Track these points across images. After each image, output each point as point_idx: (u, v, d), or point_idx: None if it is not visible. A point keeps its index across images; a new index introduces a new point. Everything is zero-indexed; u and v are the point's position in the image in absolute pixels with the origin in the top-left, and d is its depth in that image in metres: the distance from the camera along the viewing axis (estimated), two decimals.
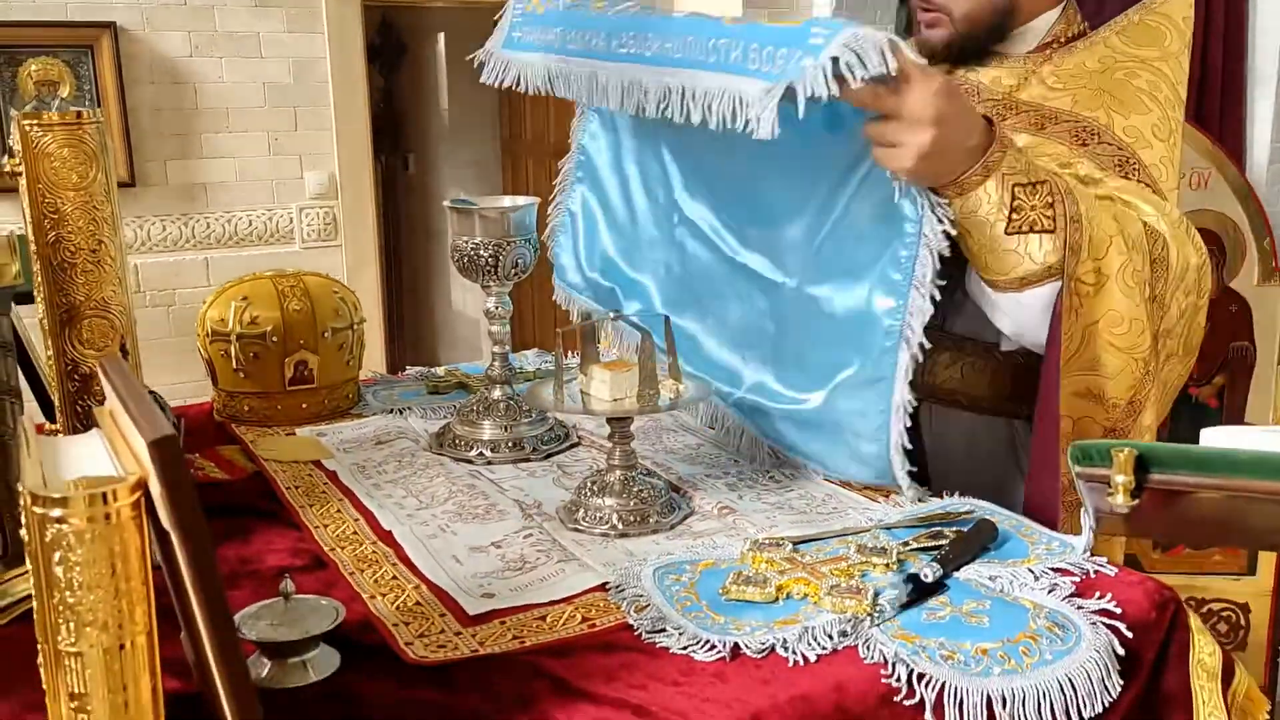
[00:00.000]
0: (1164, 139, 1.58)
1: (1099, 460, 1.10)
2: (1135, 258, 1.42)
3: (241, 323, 1.87)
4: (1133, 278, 1.41)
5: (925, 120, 1.25)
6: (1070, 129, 1.59)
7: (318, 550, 1.39)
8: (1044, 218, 1.36)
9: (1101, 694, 1.11)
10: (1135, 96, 1.60)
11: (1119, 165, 1.56)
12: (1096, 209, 1.41)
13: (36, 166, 1.36)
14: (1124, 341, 1.42)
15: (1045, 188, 1.36)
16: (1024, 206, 1.35)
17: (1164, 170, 1.57)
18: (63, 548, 0.77)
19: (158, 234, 4.34)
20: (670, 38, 1.37)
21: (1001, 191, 1.34)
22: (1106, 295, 1.40)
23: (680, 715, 1.01)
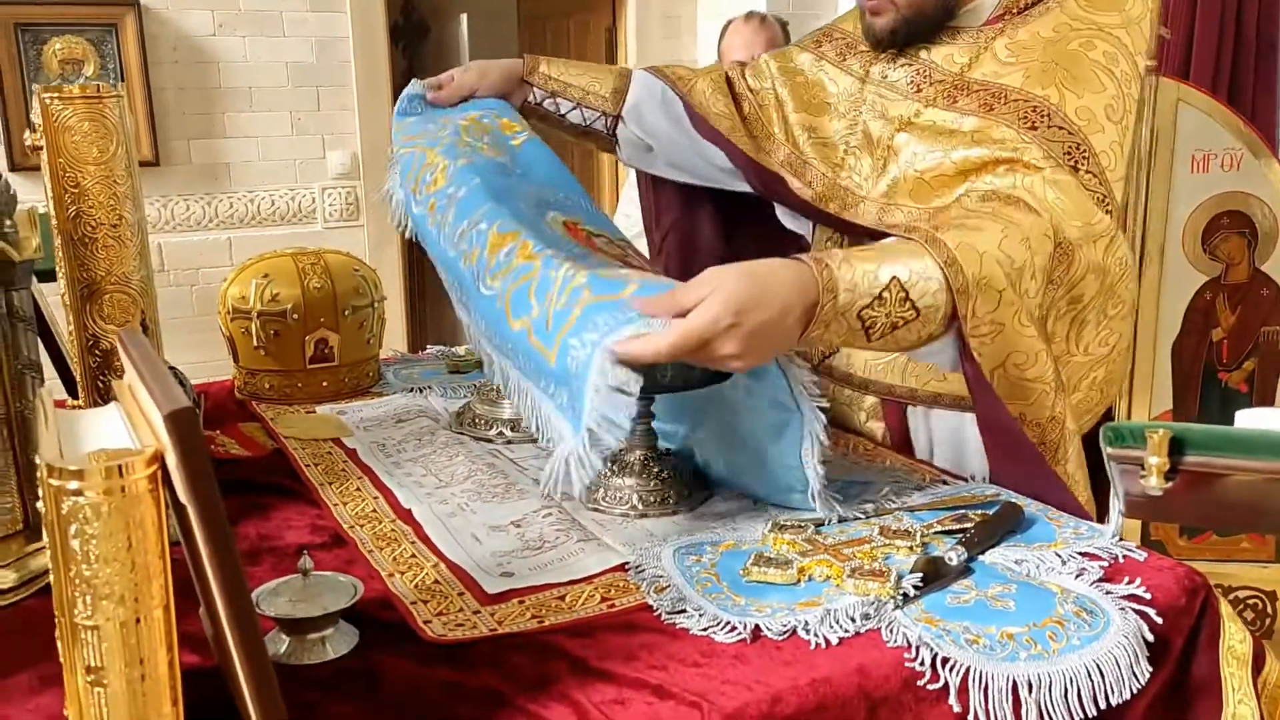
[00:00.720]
0: (1117, 120, 1.51)
1: (1132, 441, 1.08)
2: (1032, 290, 1.36)
3: (262, 300, 1.86)
4: (1027, 316, 1.36)
5: (724, 356, 1.19)
6: (1019, 110, 1.52)
7: (337, 528, 1.38)
8: (902, 315, 1.28)
9: (1130, 680, 1.09)
10: (1090, 71, 1.52)
11: (1068, 153, 1.49)
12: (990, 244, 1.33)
13: (57, 140, 1.35)
14: (1032, 374, 1.39)
15: (895, 286, 1.27)
16: (877, 319, 1.28)
17: (1113, 156, 1.50)
18: (79, 520, 0.76)
19: (181, 213, 4.36)
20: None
21: (849, 323, 1.27)
22: (1005, 340, 1.35)
23: (700, 696, 0.99)
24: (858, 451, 1.63)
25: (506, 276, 1.38)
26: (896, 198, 1.62)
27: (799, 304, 1.22)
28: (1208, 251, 2.63)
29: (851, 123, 1.72)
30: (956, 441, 1.68)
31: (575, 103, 1.89)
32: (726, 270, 1.21)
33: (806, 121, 1.79)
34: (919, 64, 1.65)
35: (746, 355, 1.20)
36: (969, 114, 1.56)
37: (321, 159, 4.52)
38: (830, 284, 1.24)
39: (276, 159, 4.44)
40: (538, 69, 1.87)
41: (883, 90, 1.69)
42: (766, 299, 1.19)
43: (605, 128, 1.92)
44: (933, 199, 1.58)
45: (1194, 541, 2.83)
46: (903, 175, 1.61)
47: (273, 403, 1.89)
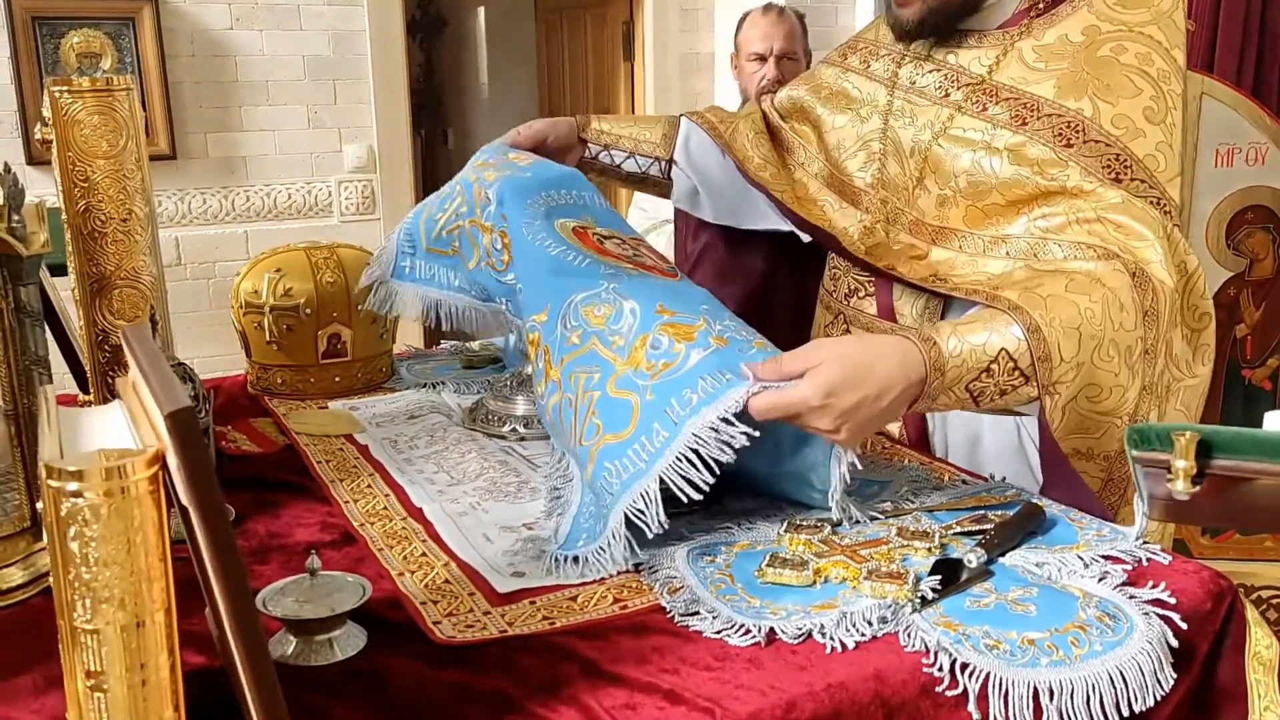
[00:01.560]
0: (1159, 121, 1.48)
1: (1158, 444, 1.05)
2: (1112, 330, 1.35)
3: (275, 294, 1.85)
4: (1109, 351, 1.35)
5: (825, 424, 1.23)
6: (1054, 127, 1.50)
7: (347, 525, 1.37)
8: (1010, 383, 1.32)
9: (1154, 687, 1.06)
10: (1123, 78, 1.49)
11: (1108, 167, 1.47)
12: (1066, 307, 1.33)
13: (66, 134, 1.34)
14: (1105, 407, 1.37)
15: (1003, 357, 1.30)
16: (986, 389, 1.31)
17: (1161, 158, 1.47)
18: (78, 522, 0.75)
19: (198, 207, 4.36)
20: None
21: (957, 395, 1.31)
22: (1085, 376, 1.34)
23: (713, 701, 0.97)
24: (875, 450, 1.61)
25: (545, 389, 1.45)
26: (949, 220, 1.61)
27: (901, 383, 1.26)
28: (1232, 247, 2.59)
29: (878, 129, 1.71)
30: (972, 443, 1.66)
31: (628, 152, 1.96)
32: (829, 349, 1.26)
33: (836, 138, 1.79)
34: (946, 69, 1.63)
35: (841, 430, 1.23)
36: (1002, 127, 1.54)
37: (338, 153, 4.51)
38: (938, 363, 1.28)
39: (293, 153, 4.44)
40: (590, 125, 1.93)
41: (911, 97, 1.67)
42: (863, 381, 1.23)
43: (660, 172, 1.98)
44: (987, 225, 1.57)
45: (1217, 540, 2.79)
46: (952, 198, 1.59)
47: (285, 398, 1.88)
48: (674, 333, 1.30)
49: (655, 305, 1.35)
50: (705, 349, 1.27)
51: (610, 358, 1.33)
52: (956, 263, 1.59)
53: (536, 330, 1.46)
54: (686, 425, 1.22)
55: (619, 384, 1.31)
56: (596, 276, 1.42)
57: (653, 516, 1.22)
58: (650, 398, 1.27)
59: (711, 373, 1.25)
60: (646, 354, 1.30)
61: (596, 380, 1.32)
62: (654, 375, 1.28)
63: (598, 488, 1.29)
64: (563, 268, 1.45)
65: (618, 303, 1.37)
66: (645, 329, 1.32)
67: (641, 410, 1.27)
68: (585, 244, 1.48)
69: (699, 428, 1.21)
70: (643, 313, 1.34)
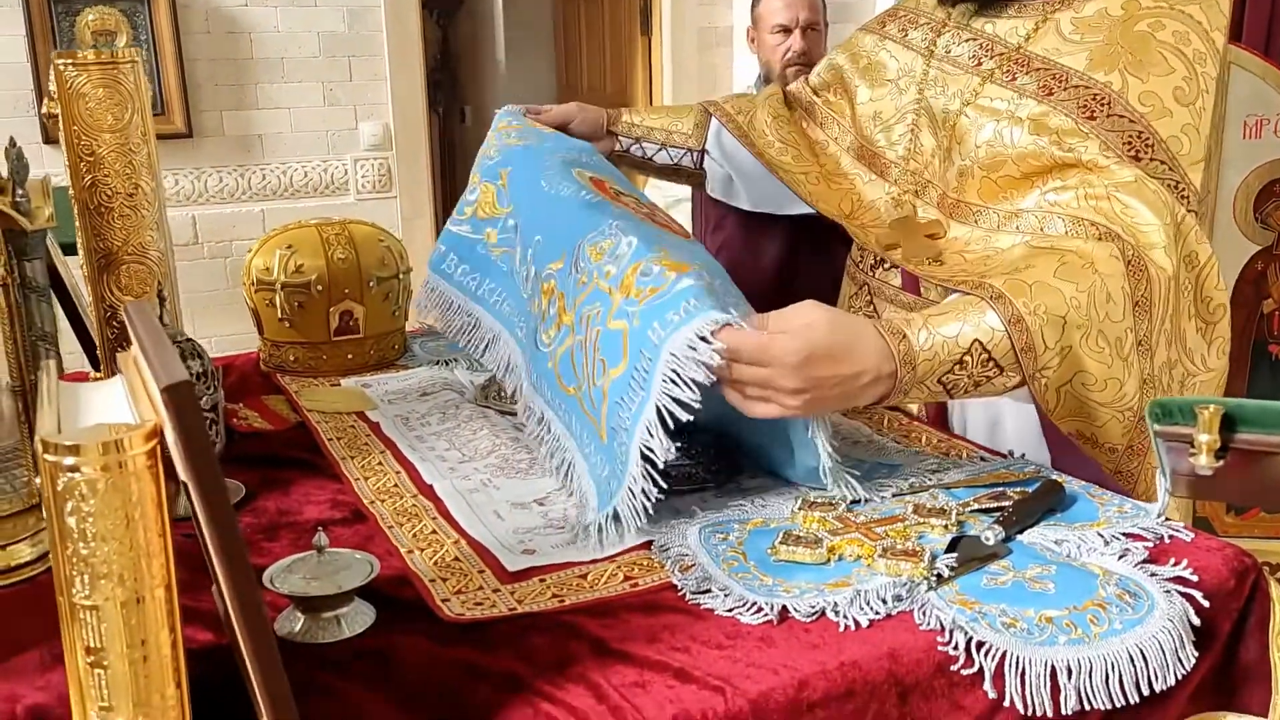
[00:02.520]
0: (1188, 102, 1.44)
1: (1181, 418, 1.02)
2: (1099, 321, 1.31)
3: (286, 271, 1.84)
4: (1098, 342, 1.31)
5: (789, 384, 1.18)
6: (1078, 99, 1.46)
7: (357, 503, 1.36)
8: (985, 374, 1.28)
9: (1175, 666, 1.04)
10: (1157, 54, 1.45)
11: (1129, 144, 1.43)
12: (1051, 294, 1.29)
13: (72, 108, 1.33)
14: (1103, 398, 1.33)
15: (976, 348, 1.26)
16: (959, 381, 1.28)
17: (1185, 140, 1.43)
18: (75, 497, 0.73)
19: (214, 185, 4.36)
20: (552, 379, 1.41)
21: (930, 388, 1.27)
22: (1072, 363, 1.31)
23: (724, 680, 0.96)
24: (892, 427, 1.58)
25: (556, 336, 1.42)
26: (966, 194, 1.59)
27: (873, 371, 1.23)
28: (1259, 220, 2.54)
29: (914, 99, 1.68)
30: (992, 424, 1.63)
31: (660, 144, 1.94)
32: (820, 312, 1.22)
33: (872, 109, 1.77)
34: (983, 38, 1.60)
35: (799, 399, 1.20)
36: (1028, 96, 1.51)
37: (354, 130, 4.50)
38: (908, 356, 1.24)
39: (308, 130, 4.43)
40: (620, 118, 1.92)
41: (945, 66, 1.65)
42: (843, 358, 1.21)
43: (693, 162, 1.96)
44: (1001, 199, 1.54)
45: (1242, 518, 2.75)
46: (970, 169, 1.57)
47: (297, 375, 1.87)
48: (666, 264, 1.26)
49: (654, 243, 1.32)
50: (695, 280, 1.23)
51: (607, 290, 1.30)
52: (972, 239, 1.56)
53: (553, 279, 1.43)
54: (665, 346, 1.18)
55: (615, 315, 1.27)
56: (606, 215, 1.39)
57: (659, 446, 1.18)
58: (637, 324, 1.23)
59: (697, 296, 1.20)
60: (636, 280, 1.26)
61: (599, 316, 1.29)
62: (641, 300, 1.24)
63: (613, 427, 1.25)
64: (578, 207, 1.43)
65: (618, 237, 1.33)
66: (638, 258, 1.29)
67: (630, 338, 1.23)
68: (602, 191, 1.46)
69: (677, 346, 1.17)
70: (639, 245, 1.30)
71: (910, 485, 1.34)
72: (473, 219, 1.63)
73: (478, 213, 1.62)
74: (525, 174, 1.56)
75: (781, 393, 1.19)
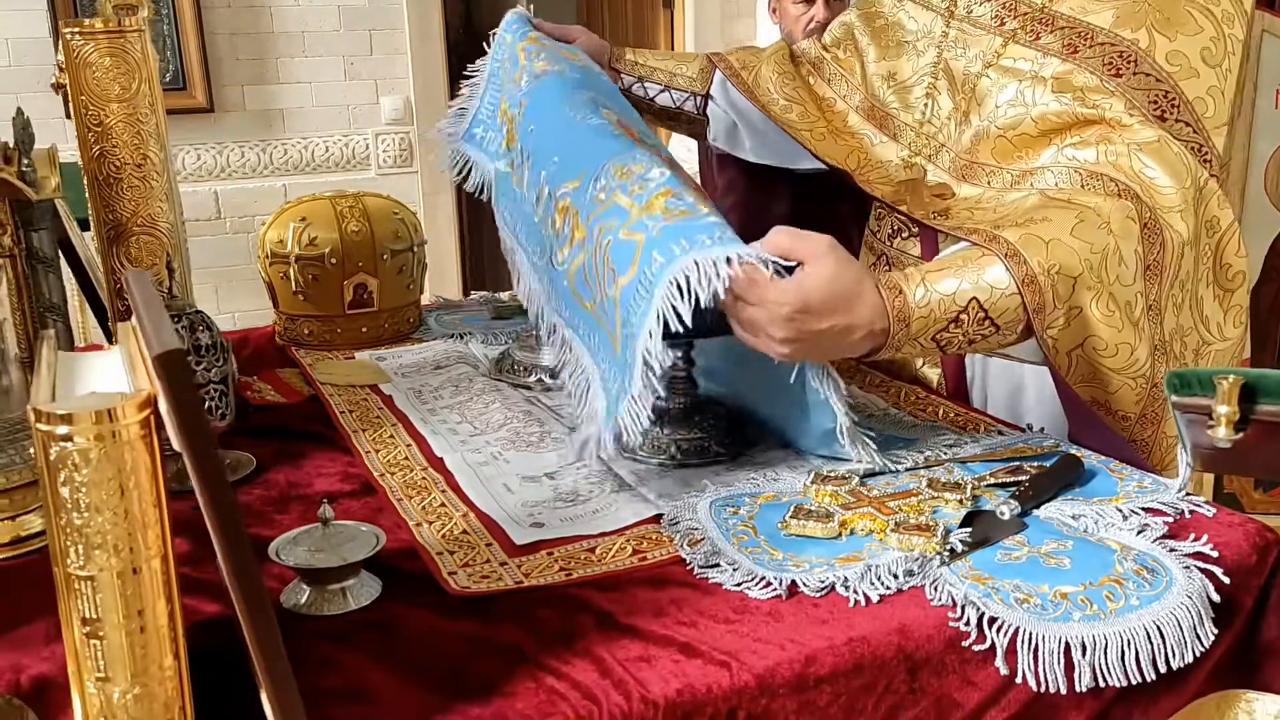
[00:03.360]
0: (1215, 64, 1.41)
1: (1199, 389, 1.00)
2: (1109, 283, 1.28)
3: (300, 244, 1.83)
4: (1108, 305, 1.28)
5: (777, 338, 1.18)
6: (1104, 56, 1.43)
7: (367, 475, 1.35)
8: (980, 333, 1.26)
9: (1193, 643, 1.02)
10: (1185, 13, 1.42)
11: (1154, 103, 1.40)
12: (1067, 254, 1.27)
13: (79, 77, 1.32)
14: (1114, 364, 1.31)
15: (973, 307, 1.24)
16: (954, 340, 1.25)
17: (1211, 103, 1.40)
18: (68, 467, 0.73)
19: (237, 160, 4.36)
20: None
21: (922, 345, 1.25)
22: (1081, 326, 1.28)
23: (729, 655, 0.95)
24: (908, 400, 1.56)
25: (569, 253, 1.39)
26: (979, 155, 1.55)
27: (866, 327, 1.21)
28: None
29: (932, 61, 1.65)
30: (1013, 390, 1.61)
31: (663, 85, 1.89)
32: (822, 267, 1.18)
33: (886, 69, 1.73)
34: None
35: (788, 346, 1.18)
36: (1051, 55, 1.48)
37: (375, 104, 4.48)
38: (902, 313, 1.23)
39: (329, 105, 4.42)
40: (624, 55, 1.88)
41: (966, 26, 1.61)
42: (839, 310, 1.19)
43: (695, 108, 1.92)
44: (1015, 159, 1.51)
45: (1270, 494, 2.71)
46: (985, 130, 1.54)
47: (313, 349, 1.87)
48: (697, 199, 1.25)
49: (685, 183, 1.29)
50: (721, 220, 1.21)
51: (628, 205, 1.26)
52: (983, 198, 1.53)
53: (567, 197, 1.39)
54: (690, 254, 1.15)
55: (631, 227, 1.24)
56: (636, 147, 1.36)
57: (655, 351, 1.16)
58: (657, 234, 1.20)
59: (723, 231, 1.18)
60: (666, 201, 1.23)
61: (612, 228, 1.26)
62: (669, 217, 1.21)
63: (626, 335, 1.22)
64: (608, 135, 1.40)
65: (649, 164, 1.30)
66: (671, 185, 1.26)
67: (644, 246, 1.21)
68: (629, 135, 1.43)
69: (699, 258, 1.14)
70: (670, 177, 1.28)
71: (926, 459, 1.32)
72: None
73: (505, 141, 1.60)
74: (549, 100, 1.52)
75: (772, 339, 1.18)
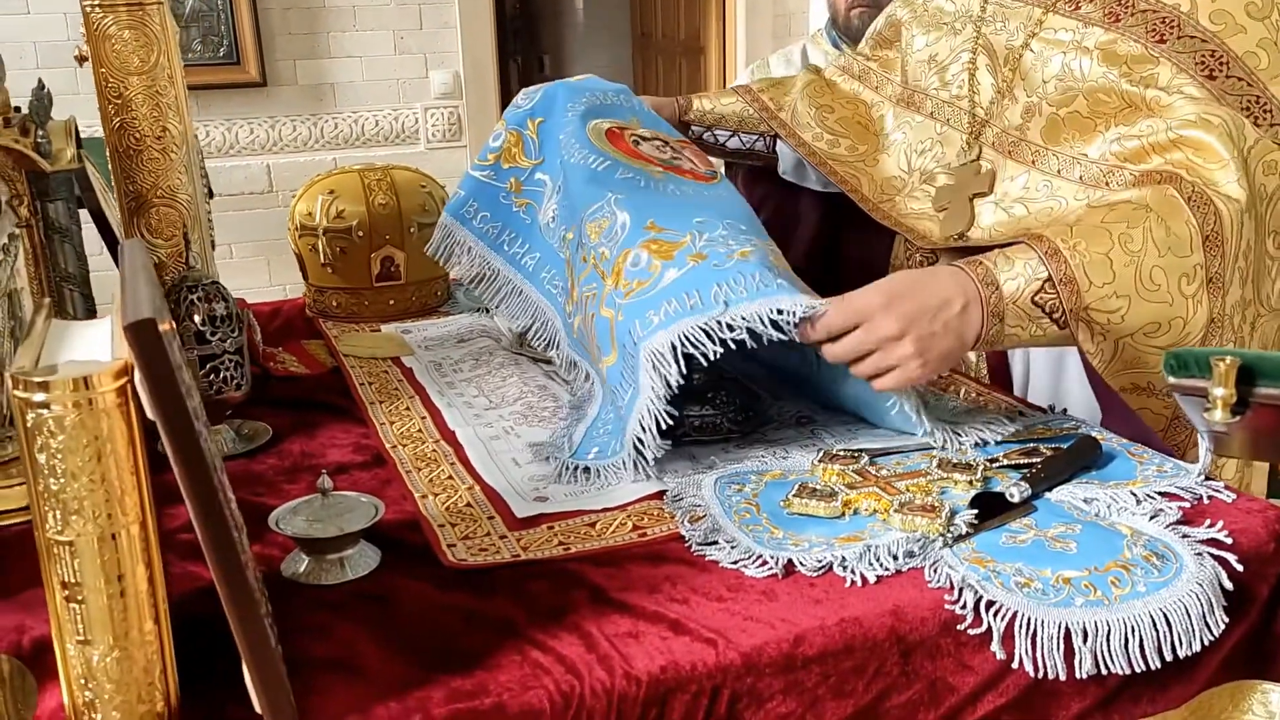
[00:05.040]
0: (1262, 17, 1.36)
1: (1196, 370, 0.96)
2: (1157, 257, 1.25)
3: (328, 217, 1.84)
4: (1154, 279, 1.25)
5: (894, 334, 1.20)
6: (1147, 23, 1.40)
7: (380, 447, 1.36)
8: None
9: (1201, 631, 0.99)
10: None
11: (1201, 64, 1.36)
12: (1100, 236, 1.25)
13: (99, 50, 1.33)
14: (1165, 341, 1.26)
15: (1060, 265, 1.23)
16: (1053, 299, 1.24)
17: (1263, 55, 1.36)
18: (44, 434, 0.74)
19: (288, 134, 4.41)
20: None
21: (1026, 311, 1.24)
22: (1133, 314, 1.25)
23: (717, 633, 0.94)
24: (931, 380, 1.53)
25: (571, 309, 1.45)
26: (1028, 133, 1.53)
27: (959, 297, 1.22)
28: None
29: (970, 37, 1.61)
30: (1057, 368, 1.57)
31: (732, 130, 1.94)
32: (877, 284, 1.24)
33: (927, 54, 1.71)
34: None
35: (909, 341, 1.20)
36: (1093, 24, 1.44)
37: (424, 79, 4.50)
38: (988, 278, 1.24)
39: (379, 79, 4.44)
40: (692, 107, 1.92)
41: (1004, 1, 1.57)
42: (921, 289, 1.22)
43: (765, 146, 1.97)
44: (1063, 141, 1.48)
45: None
46: (1036, 105, 1.51)
47: (341, 321, 1.88)
48: (655, 249, 1.27)
49: (646, 220, 1.31)
50: (680, 269, 1.24)
51: (602, 274, 1.31)
52: (1029, 185, 1.50)
53: (567, 251, 1.44)
54: (644, 344, 1.21)
55: (606, 303, 1.29)
56: (608, 185, 1.38)
57: (650, 444, 1.21)
58: (620, 319, 1.25)
59: (678, 295, 1.22)
60: (625, 270, 1.27)
61: (593, 300, 1.30)
62: (628, 294, 1.26)
63: (616, 406, 1.26)
64: (583, 178, 1.42)
65: (613, 215, 1.34)
66: (630, 244, 1.29)
67: (616, 331, 1.26)
68: (616, 146, 1.43)
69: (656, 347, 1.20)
70: (631, 227, 1.31)
71: (940, 440, 1.29)
72: (495, 165, 1.61)
73: (501, 160, 1.60)
74: (551, 128, 1.55)
75: (889, 342, 1.20)
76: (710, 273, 1.23)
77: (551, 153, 1.54)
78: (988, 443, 1.29)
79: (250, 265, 4.25)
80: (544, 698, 0.87)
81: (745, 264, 1.23)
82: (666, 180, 1.40)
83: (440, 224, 1.68)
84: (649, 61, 6.15)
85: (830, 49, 2.24)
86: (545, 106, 1.58)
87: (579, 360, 1.47)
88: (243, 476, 1.28)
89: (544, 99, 1.58)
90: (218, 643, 0.90)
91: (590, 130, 1.46)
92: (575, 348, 1.47)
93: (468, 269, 1.65)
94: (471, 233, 1.62)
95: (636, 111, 1.58)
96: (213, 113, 4.27)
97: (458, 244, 1.64)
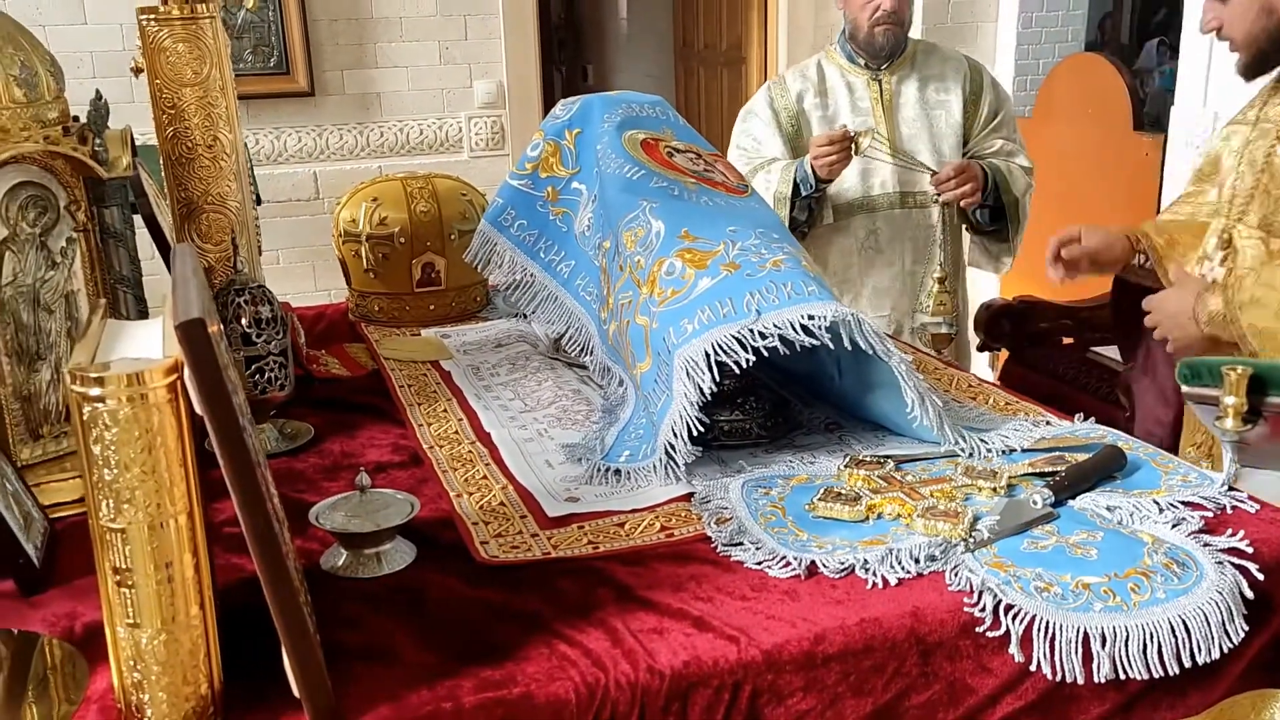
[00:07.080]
0: None
1: (1209, 379, 0.97)
2: None
3: (371, 223, 1.89)
4: None
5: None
6: None
7: (417, 447, 1.40)
8: None
9: (1221, 638, 1.00)
10: None
11: None
12: None
13: (154, 62, 1.39)
14: None
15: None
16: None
17: None
18: (99, 426, 0.78)
19: (335, 143, 4.47)
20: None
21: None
22: None
23: (739, 631, 0.96)
24: (960, 388, 1.55)
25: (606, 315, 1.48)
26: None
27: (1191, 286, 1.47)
28: None
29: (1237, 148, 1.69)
30: None
31: None
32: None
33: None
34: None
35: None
36: None
37: (468, 88, 4.55)
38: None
39: (425, 89, 4.50)
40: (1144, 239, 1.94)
41: (1263, 125, 1.65)
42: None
43: None
44: None
45: None
46: None
47: (382, 325, 1.93)
48: (689, 258, 1.30)
49: (681, 229, 1.34)
50: (714, 278, 1.27)
51: (637, 282, 1.34)
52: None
53: (602, 258, 1.47)
54: (677, 354, 1.24)
55: (641, 310, 1.32)
56: (642, 193, 1.41)
57: (681, 450, 1.24)
58: (655, 326, 1.28)
59: (711, 303, 1.25)
60: (660, 279, 1.30)
61: (629, 307, 1.33)
62: (662, 302, 1.29)
63: (649, 412, 1.29)
64: (618, 187, 1.45)
65: (648, 224, 1.37)
66: (664, 253, 1.32)
67: (651, 339, 1.29)
68: (651, 156, 1.47)
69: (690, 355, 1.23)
70: (666, 235, 1.34)
71: (969, 447, 1.31)
72: (534, 175, 1.65)
73: (539, 169, 1.64)
74: (588, 138, 1.59)
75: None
76: (743, 282, 1.26)
77: (588, 163, 1.58)
78: (1014, 450, 1.31)
79: (296, 270, 4.33)
80: (570, 689, 0.90)
81: (778, 273, 1.26)
82: (700, 191, 1.43)
83: (479, 231, 1.71)
84: (691, 71, 6.17)
85: (845, 63, 2.26)
86: (582, 118, 1.61)
87: (612, 366, 1.50)
88: (285, 474, 1.33)
89: (581, 110, 1.62)
90: (260, 631, 0.94)
91: (626, 140, 1.50)
92: (609, 353, 1.50)
93: (505, 275, 1.68)
94: (509, 240, 1.66)
95: (671, 124, 1.61)
96: (262, 121, 4.35)
97: (495, 251, 1.68)
